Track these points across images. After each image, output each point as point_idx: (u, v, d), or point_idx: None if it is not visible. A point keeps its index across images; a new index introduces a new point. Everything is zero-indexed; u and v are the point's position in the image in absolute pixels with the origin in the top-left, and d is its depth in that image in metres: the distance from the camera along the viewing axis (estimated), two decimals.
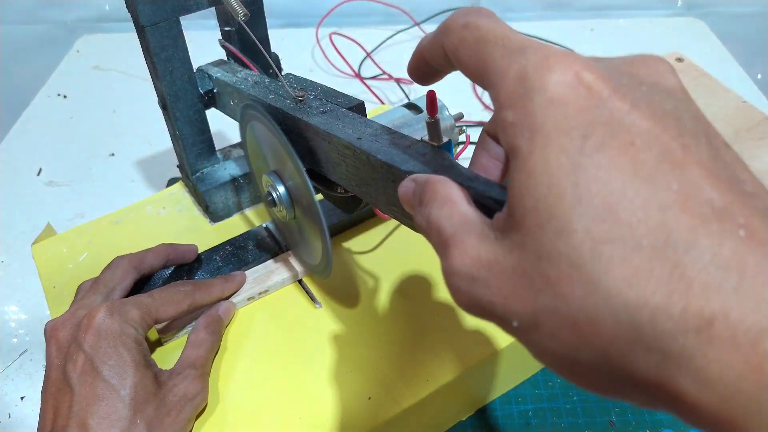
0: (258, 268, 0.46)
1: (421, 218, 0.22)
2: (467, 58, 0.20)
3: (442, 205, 0.21)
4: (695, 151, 0.16)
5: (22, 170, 0.71)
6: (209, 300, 0.41)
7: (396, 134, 0.31)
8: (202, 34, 0.60)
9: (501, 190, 0.23)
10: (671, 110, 0.17)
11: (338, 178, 0.36)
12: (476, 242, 0.19)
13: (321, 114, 0.36)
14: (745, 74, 0.82)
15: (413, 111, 0.47)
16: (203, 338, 0.39)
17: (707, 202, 0.15)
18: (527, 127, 0.17)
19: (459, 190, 0.22)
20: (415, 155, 0.28)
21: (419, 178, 0.24)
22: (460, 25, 0.21)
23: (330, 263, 0.39)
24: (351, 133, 0.33)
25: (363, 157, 0.31)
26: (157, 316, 0.37)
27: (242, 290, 0.44)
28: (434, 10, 0.93)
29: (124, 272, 0.40)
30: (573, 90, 0.17)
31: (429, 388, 0.38)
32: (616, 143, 0.16)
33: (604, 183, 0.15)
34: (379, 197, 0.32)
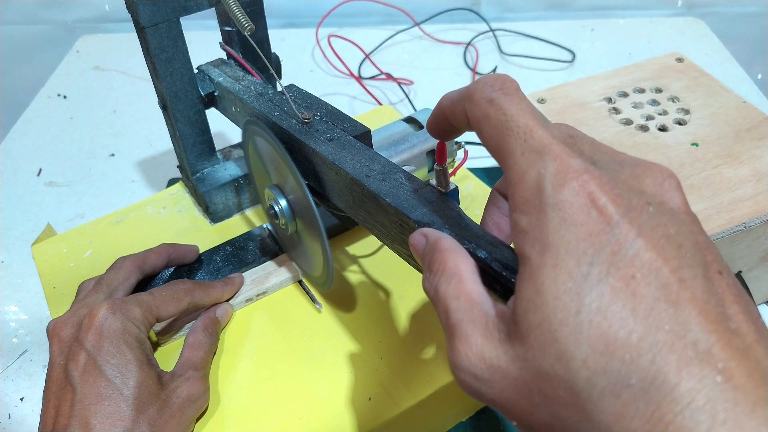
0: (257, 270, 0.46)
1: (429, 286, 0.23)
2: (489, 138, 0.21)
3: (449, 279, 0.22)
4: (690, 285, 0.17)
5: (22, 170, 0.71)
6: (208, 300, 0.41)
7: (404, 174, 0.32)
8: (203, 35, 0.60)
9: (508, 252, 0.24)
10: (674, 236, 0.18)
11: (343, 206, 0.36)
12: (481, 340, 0.20)
13: (328, 141, 0.36)
14: (745, 74, 0.82)
15: (413, 125, 0.48)
16: (202, 340, 0.39)
17: (693, 344, 0.16)
18: (539, 241, 0.19)
19: (467, 262, 0.23)
20: (423, 202, 0.29)
21: (430, 237, 0.25)
22: (486, 100, 0.21)
23: (331, 276, 0.39)
24: (359, 168, 0.33)
25: (371, 196, 0.31)
26: (159, 314, 0.37)
27: (240, 292, 0.44)
28: (434, 10, 0.93)
29: (128, 273, 0.40)
30: (585, 212, 0.18)
31: (429, 389, 0.38)
32: (619, 274, 0.17)
33: (605, 316, 0.17)
34: (384, 234, 0.32)
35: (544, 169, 0.19)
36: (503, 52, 0.88)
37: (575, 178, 0.18)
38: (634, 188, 0.19)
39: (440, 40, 0.91)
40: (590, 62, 0.85)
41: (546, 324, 0.18)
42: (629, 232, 0.18)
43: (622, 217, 0.18)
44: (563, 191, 0.18)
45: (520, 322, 0.19)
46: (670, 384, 0.16)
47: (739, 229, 0.43)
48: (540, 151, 0.19)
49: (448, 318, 0.22)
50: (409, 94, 0.80)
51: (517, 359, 0.19)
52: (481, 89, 0.22)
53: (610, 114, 0.55)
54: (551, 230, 0.18)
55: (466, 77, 0.83)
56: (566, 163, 0.19)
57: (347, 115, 0.39)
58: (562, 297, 0.17)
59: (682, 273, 0.17)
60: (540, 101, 0.56)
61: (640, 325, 0.17)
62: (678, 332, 0.16)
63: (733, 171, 0.48)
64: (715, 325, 0.17)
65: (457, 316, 0.21)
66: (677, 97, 0.56)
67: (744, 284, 0.47)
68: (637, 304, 0.17)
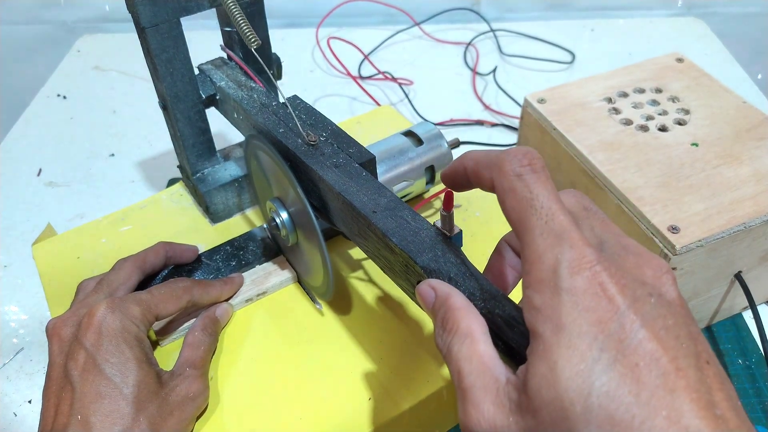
0: (256, 270, 0.46)
1: (442, 344, 0.25)
2: (511, 211, 0.23)
3: (462, 340, 0.24)
4: (685, 375, 0.19)
5: (22, 170, 0.71)
6: (208, 299, 0.41)
7: (410, 212, 0.32)
8: (203, 35, 0.60)
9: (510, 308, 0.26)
10: (672, 327, 0.20)
11: (347, 233, 0.37)
12: (493, 408, 0.22)
13: (334, 167, 0.37)
14: (745, 74, 0.82)
15: (412, 139, 0.48)
16: (201, 339, 0.39)
17: (685, 429, 0.18)
18: (552, 320, 0.20)
19: (478, 322, 0.25)
20: (429, 245, 0.30)
21: (440, 291, 0.26)
22: (515, 175, 0.23)
23: (331, 287, 0.40)
24: (366, 201, 0.34)
25: (378, 233, 0.32)
26: (158, 312, 0.37)
27: (240, 292, 0.44)
28: (434, 10, 0.93)
29: (128, 273, 0.40)
30: (596, 300, 0.20)
31: (429, 389, 0.38)
32: (625, 362, 0.19)
33: (612, 399, 0.19)
34: (386, 268, 0.33)
35: (561, 255, 0.21)
36: (503, 53, 0.88)
37: (589, 267, 0.21)
38: (637, 279, 0.21)
39: (440, 40, 0.91)
40: (590, 62, 0.85)
41: (558, 402, 0.19)
42: (634, 322, 0.20)
43: (629, 308, 0.20)
44: (578, 278, 0.20)
45: (533, 396, 0.20)
46: None
47: (739, 229, 0.43)
48: (559, 235, 0.21)
49: (460, 381, 0.23)
50: (408, 94, 0.80)
51: (527, 431, 0.20)
52: (512, 162, 0.23)
53: (610, 114, 0.55)
54: (564, 313, 0.20)
55: (466, 77, 0.83)
56: (582, 252, 0.21)
57: (352, 138, 0.40)
58: (575, 378, 0.19)
59: (679, 362, 0.19)
60: (540, 101, 0.56)
61: (642, 410, 0.19)
62: (673, 418, 0.18)
63: (733, 171, 0.48)
64: (705, 411, 0.19)
65: (470, 380, 0.23)
66: (677, 97, 0.56)
67: (744, 284, 0.47)
68: (640, 391, 0.19)
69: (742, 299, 0.47)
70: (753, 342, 0.50)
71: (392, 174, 0.46)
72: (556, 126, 0.53)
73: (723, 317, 0.51)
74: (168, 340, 0.41)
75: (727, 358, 0.49)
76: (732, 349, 0.49)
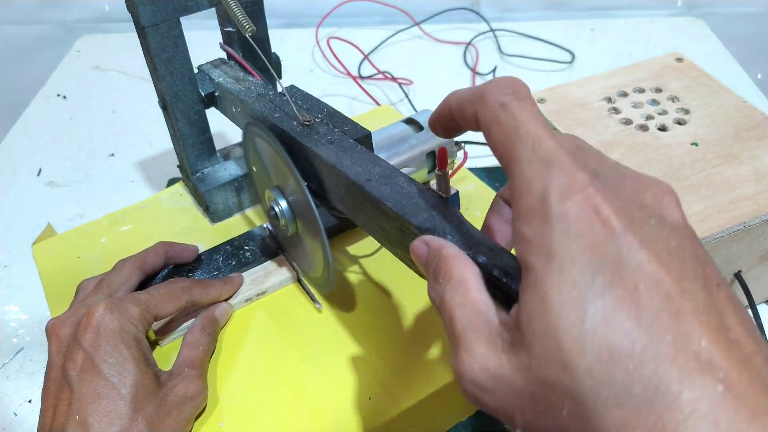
0: (256, 269, 0.46)
1: (435, 294, 0.24)
2: (497, 141, 0.22)
3: (456, 287, 0.23)
4: (692, 297, 0.18)
5: (22, 170, 0.71)
6: (207, 299, 0.41)
7: (405, 178, 0.32)
8: (203, 34, 0.60)
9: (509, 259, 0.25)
10: (675, 249, 0.18)
11: (344, 209, 0.36)
12: (485, 349, 0.21)
13: (329, 144, 0.36)
14: (745, 74, 0.82)
15: (413, 126, 0.48)
16: (200, 339, 0.39)
17: (695, 354, 0.17)
18: (543, 250, 0.19)
19: (472, 270, 0.23)
20: (424, 207, 0.29)
21: (432, 244, 0.25)
22: (498, 103, 0.22)
23: (331, 277, 0.39)
24: (360, 171, 0.33)
25: (372, 200, 0.31)
26: (157, 312, 0.37)
27: (240, 291, 0.44)
28: (434, 10, 0.93)
29: (129, 274, 0.40)
30: (589, 223, 0.18)
31: (429, 388, 0.38)
32: (622, 284, 0.18)
33: (609, 326, 0.17)
34: (384, 238, 0.32)
35: (550, 181, 0.19)
36: (503, 53, 0.88)
37: (580, 190, 0.19)
38: (635, 202, 0.20)
39: (440, 40, 0.91)
40: (590, 62, 0.85)
41: (551, 333, 0.18)
42: (632, 243, 0.18)
43: (625, 229, 0.18)
44: (568, 203, 0.19)
45: (525, 330, 0.19)
46: (672, 393, 0.16)
47: (739, 229, 0.43)
48: (547, 161, 0.20)
49: (452, 326, 0.22)
50: (408, 93, 0.80)
51: (521, 368, 0.19)
52: (494, 92, 0.22)
53: (610, 114, 0.55)
54: (556, 240, 0.19)
55: (466, 77, 0.83)
56: (572, 175, 0.19)
57: (348, 118, 0.40)
58: (567, 306, 0.18)
59: (684, 285, 0.18)
60: (540, 101, 0.56)
61: (643, 335, 0.17)
62: (680, 343, 0.17)
63: (733, 171, 0.48)
64: (716, 335, 0.17)
65: (462, 324, 0.22)
66: (677, 97, 0.56)
67: (744, 284, 0.47)
68: (640, 315, 0.17)
69: (742, 299, 0.47)
70: None
71: (393, 162, 0.45)
72: (556, 126, 0.53)
73: None
74: (167, 340, 0.41)
75: None
76: None
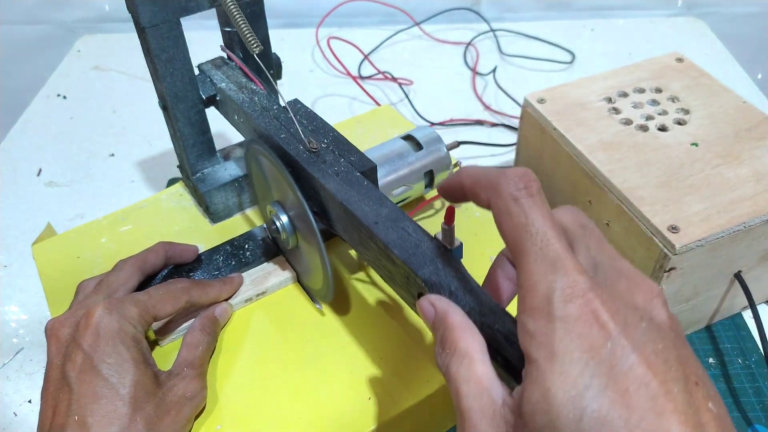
0: (256, 270, 0.46)
1: (441, 363, 0.26)
2: (507, 233, 0.24)
3: (461, 360, 0.25)
4: (674, 398, 0.20)
5: (22, 170, 0.71)
6: (206, 299, 0.41)
7: (410, 222, 0.33)
8: (203, 35, 0.60)
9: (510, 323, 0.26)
10: (661, 351, 0.21)
11: (348, 240, 0.37)
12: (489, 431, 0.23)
13: (335, 176, 0.37)
14: (745, 74, 0.82)
15: (410, 143, 0.48)
16: (199, 339, 0.39)
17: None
18: (545, 347, 0.21)
19: (477, 341, 0.25)
20: (430, 258, 0.30)
21: (438, 308, 0.27)
22: (512, 197, 0.24)
23: (331, 290, 0.40)
24: (368, 212, 0.34)
25: (380, 243, 0.32)
26: (156, 313, 0.37)
27: (240, 292, 0.44)
28: (434, 10, 0.93)
29: (128, 274, 0.40)
30: (588, 327, 0.21)
31: (429, 389, 0.38)
32: (616, 387, 0.20)
33: (602, 424, 0.20)
34: (387, 277, 0.34)
35: (554, 283, 0.22)
36: (503, 53, 0.88)
37: (582, 295, 0.21)
38: (629, 303, 0.22)
39: (440, 40, 0.91)
40: (590, 62, 0.85)
41: (551, 427, 0.20)
42: (625, 348, 0.20)
43: (620, 333, 0.21)
44: (570, 306, 0.21)
45: (528, 421, 0.21)
46: None
47: (739, 229, 0.43)
48: (554, 263, 0.22)
49: (459, 402, 0.24)
50: (408, 94, 0.80)
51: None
52: (509, 185, 0.24)
53: (610, 114, 0.55)
54: (557, 339, 0.21)
55: (467, 77, 0.83)
56: (575, 279, 0.22)
57: (353, 146, 0.40)
58: (567, 404, 0.20)
59: (668, 386, 0.20)
60: (540, 101, 0.56)
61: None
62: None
63: (733, 171, 0.48)
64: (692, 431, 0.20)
65: (468, 402, 0.24)
66: (677, 97, 0.56)
67: (744, 284, 0.47)
68: (630, 415, 0.19)
69: (742, 299, 0.47)
70: (753, 341, 0.50)
71: (391, 178, 0.46)
72: (556, 126, 0.53)
73: (723, 317, 0.51)
74: (167, 340, 0.41)
75: (726, 358, 0.49)
76: (732, 349, 0.49)
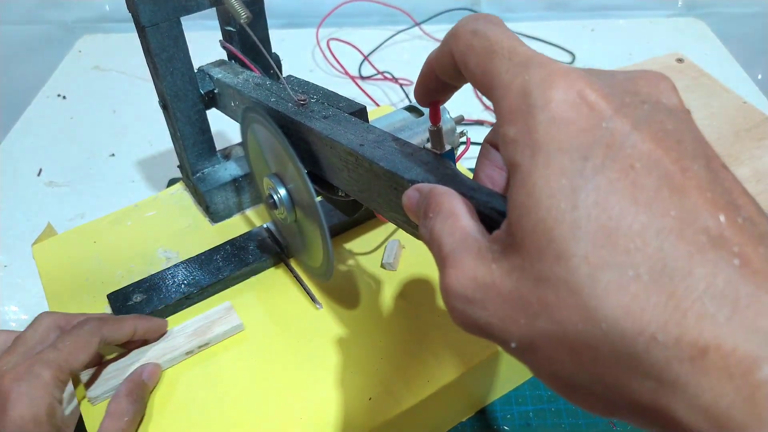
0: (198, 318, 0.42)
1: (425, 230, 0.22)
2: (474, 67, 0.20)
3: (445, 219, 0.21)
4: (694, 175, 0.16)
5: (22, 170, 0.71)
6: (121, 335, 0.38)
7: (399, 141, 0.31)
8: (203, 35, 0.60)
9: (503, 201, 0.23)
10: (672, 131, 0.17)
11: (340, 183, 0.36)
12: (473, 262, 0.19)
13: (323, 119, 0.36)
14: (745, 74, 0.82)
15: (414, 114, 0.47)
16: (124, 408, 0.36)
17: (704, 230, 0.15)
18: (528, 145, 0.17)
19: (463, 203, 0.22)
20: (417, 163, 0.28)
21: (423, 189, 0.24)
22: (469, 32, 0.21)
23: (331, 266, 0.39)
24: (353, 138, 0.33)
25: (365, 164, 0.31)
26: (71, 367, 0.35)
27: (180, 345, 0.41)
28: (434, 10, 0.93)
29: (46, 331, 0.38)
30: (575, 109, 0.17)
31: (429, 388, 0.38)
32: (616, 166, 0.16)
33: (603, 208, 0.16)
34: (381, 204, 0.32)
35: (529, 76, 0.18)
36: None
37: (563, 77, 0.17)
38: (627, 89, 0.18)
39: (440, 40, 0.91)
40: (590, 63, 0.85)
41: (540, 226, 0.16)
42: (624, 126, 0.16)
43: (616, 112, 0.17)
44: (551, 91, 0.17)
45: (514, 232, 0.17)
46: (682, 271, 0.15)
47: None
48: (525, 63, 0.18)
49: (440, 251, 0.20)
50: (409, 94, 0.80)
51: (512, 271, 0.17)
52: (465, 24, 0.21)
53: None
54: (541, 132, 0.17)
55: None
56: (552, 67, 0.18)
57: (343, 96, 0.39)
58: (556, 195, 0.16)
59: (684, 163, 0.16)
60: None
61: (643, 213, 0.15)
62: (685, 218, 0.15)
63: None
64: (725, 211, 0.16)
65: (450, 247, 0.20)
66: None
67: None
68: (637, 193, 0.16)
69: None
70: None
71: None
72: None
73: None
74: (99, 399, 0.38)
75: None
76: None
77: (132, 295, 0.44)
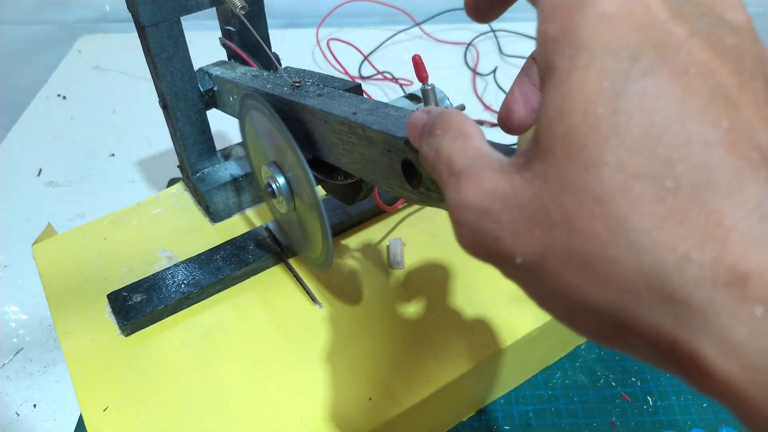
0: None
1: (429, 149, 0.20)
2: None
3: (455, 137, 0.19)
4: (752, 92, 0.14)
5: (22, 170, 0.71)
6: None
7: (392, 107, 0.31)
8: (203, 35, 0.60)
9: None
10: (732, 47, 0.15)
11: (335, 160, 0.35)
12: (494, 176, 0.17)
13: (317, 96, 0.36)
14: None
15: (413, 101, 0.47)
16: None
17: (758, 147, 0.13)
18: (570, 43, 0.15)
19: (476, 126, 0.20)
20: None
21: (433, 110, 0.21)
22: None
23: (330, 254, 0.39)
24: (347, 109, 0.32)
25: (359, 131, 0.30)
26: None
27: None
28: (434, 10, 0.93)
29: None
30: (628, 6, 0.15)
31: (430, 388, 0.38)
32: (668, 69, 0.14)
33: (648, 112, 0.14)
34: (377, 173, 0.31)
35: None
36: (504, 53, 0.88)
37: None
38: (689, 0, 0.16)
39: (440, 40, 0.91)
40: None
41: (574, 132, 0.14)
42: (681, 31, 0.14)
43: (672, 17, 0.15)
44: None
45: (542, 138, 0.15)
46: (729, 186, 0.13)
47: None
48: None
49: (452, 167, 0.18)
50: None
51: (535, 178, 0.16)
52: None
53: None
54: (587, 29, 0.15)
55: (467, 77, 0.83)
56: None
57: (339, 78, 0.39)
58: (596, 98, 0.14)
59: (743, 78, 0.14)
60: None
61: (691, 121, 0.14)
62: (738, 132, 0.13)
63: None
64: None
65: (465, 163, 0.18)
66: None
67: None
68: (688, 100, 0.14)
69: None
70: None
71: None
72: None
73: None
74: None
75: None
76: None
77: (132, 295, 0.44)
